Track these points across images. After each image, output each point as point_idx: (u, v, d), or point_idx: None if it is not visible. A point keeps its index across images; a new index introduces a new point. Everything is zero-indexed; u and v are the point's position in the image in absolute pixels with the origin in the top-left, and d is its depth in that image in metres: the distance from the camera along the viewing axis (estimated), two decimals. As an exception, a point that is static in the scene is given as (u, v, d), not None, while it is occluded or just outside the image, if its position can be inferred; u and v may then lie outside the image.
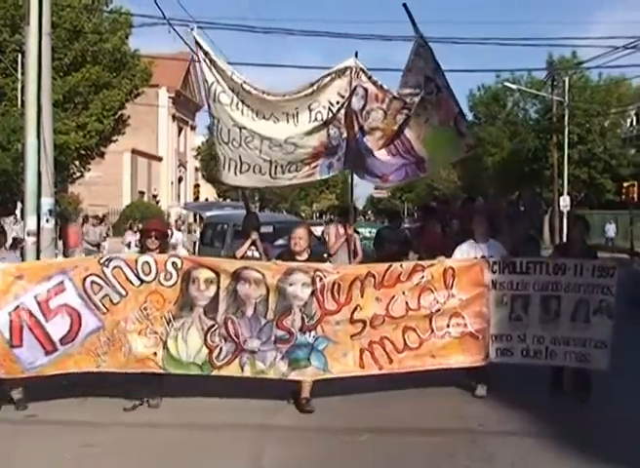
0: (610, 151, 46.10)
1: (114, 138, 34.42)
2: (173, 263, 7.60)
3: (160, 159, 62.63)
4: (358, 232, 11.88)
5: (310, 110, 9.06)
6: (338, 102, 9.06)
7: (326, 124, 9.13)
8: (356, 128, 9.21)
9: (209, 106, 9.29)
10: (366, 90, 9.11)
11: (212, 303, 7.63)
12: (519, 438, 6.94)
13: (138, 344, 7.54)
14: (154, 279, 7.56)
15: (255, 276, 7.67)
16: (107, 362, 7.50)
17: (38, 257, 10.86)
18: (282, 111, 9.02)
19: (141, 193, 57.45)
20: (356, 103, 9.07)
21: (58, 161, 15.69)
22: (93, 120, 31.04)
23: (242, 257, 8.97)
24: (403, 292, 7.87)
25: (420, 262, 8.19)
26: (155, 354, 7.57)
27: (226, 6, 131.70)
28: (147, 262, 7.57)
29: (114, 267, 7.54)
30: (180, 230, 24.60)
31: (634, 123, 63.35)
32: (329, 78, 8.96)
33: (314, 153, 9.37)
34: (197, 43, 9.06)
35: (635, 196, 38.73)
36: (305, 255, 8.08)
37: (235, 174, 9.44)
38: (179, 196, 66.70)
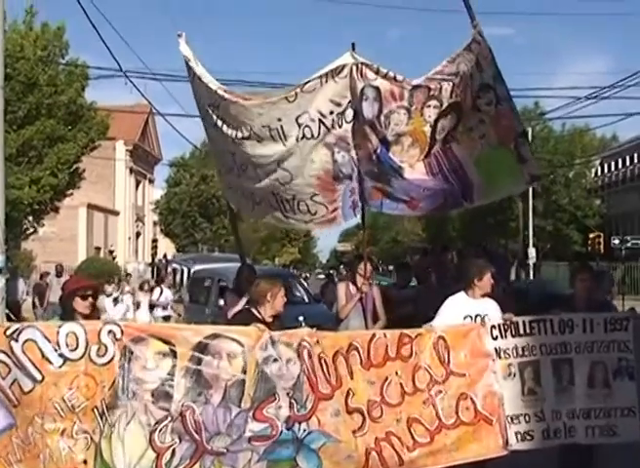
0: (575, 202, 46.84)
1: (69, 193, 34.01)
2: (109, 332, 5.77)
3: (117, 213, 62.21)
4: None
5: (299, 125, 7.18)
6: (332, 112, 7.20)
7: (323, 143, 7.39)
8: (374, 141, 7.39)
9: (205, 128, 8.04)
10: (377, 89, 7.11)
11: (164, 387, 5.81)
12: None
13: (60, 449, 5.61)
14: (83, 355, 5.70)
15: (229, 348, 6.01)
16: None
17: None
18: (262, 124, 7.14)
19: (98, 249, 56.88)
20: (369, 110, 7.17)
21: (10, 217, 15.52)
22: (47, 174, 30.72)
23: (232, 319, 7.39)
24: (396, 373, 6.48)
25: (405, 331, 6.66)
26: (85, 462, 5.63)
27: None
28: (73, 333, 5.70)
29: (26, 341, 5.64)
30: (170, 288, 21.39)
31: (599, 173, 64.60)
32: (318, 81, 7.02)
33: (320, 185, 7.72)
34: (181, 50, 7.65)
35: (602, 247, 39.26)
36: (271, 318, 6.71)
37: (252, 207, 8.16)
38: (136, 251, 66.19)
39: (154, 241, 56.90)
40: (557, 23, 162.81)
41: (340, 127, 7.30)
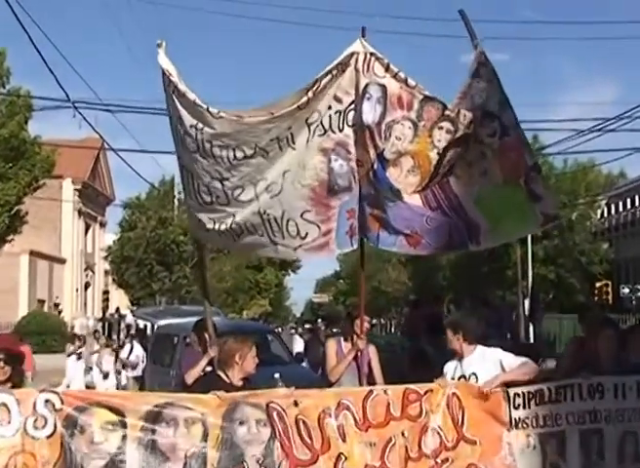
0: (579, 247, 46.85)
1: (9, 238, 33.81)
2: (47, 402, 5.60)
3: (63, 262, 61.89)
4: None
5: (309, 126, 6.69)
6: (330, 108, 6.67)
7: (319, 148, 6.85)
8: (372, 155, 6.86)
9: (179, 157, 7.32)
10: (384, 88, 6.57)
11: (114, 463, 5.62)
12: None
13: None
14: (18, 430, 5.51)
15: (186, 413, 5.85)
16: None
17: None
18: (270, 138, 6.64)
19: (41, 302, 56.32)
20: (370, 113, 6.66)
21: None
22: (-16, 217, 30.48)
23: (194, 384, 7.20)
24: (402, 434, 6.30)
25: (412, 387, 6.53)
26: None
27: (138, 87, 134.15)
28: (4, 404, 5.53)
29: None
30: (141, 344, 20.62)
31: (605, 214, 64.90)
32: (329, 77, 6.49)
33: (314, 199, 7.06)
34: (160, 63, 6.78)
35: (610, 297, 39.16)
36: (240, 382, 6.58)
37: (233, 240, 7.46)
38: (85, 304, 65.70)
39: (105, 292, 56.44)
40: (557, 49, 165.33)
41: (340, 130, 6.82)
